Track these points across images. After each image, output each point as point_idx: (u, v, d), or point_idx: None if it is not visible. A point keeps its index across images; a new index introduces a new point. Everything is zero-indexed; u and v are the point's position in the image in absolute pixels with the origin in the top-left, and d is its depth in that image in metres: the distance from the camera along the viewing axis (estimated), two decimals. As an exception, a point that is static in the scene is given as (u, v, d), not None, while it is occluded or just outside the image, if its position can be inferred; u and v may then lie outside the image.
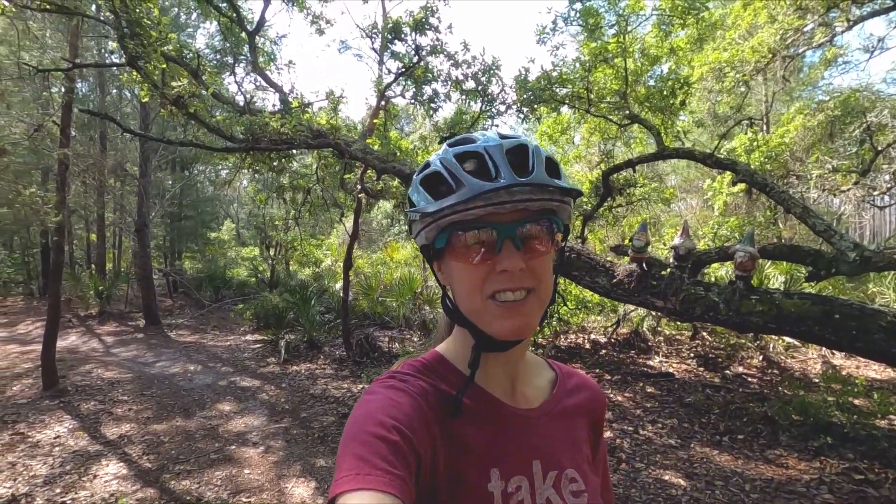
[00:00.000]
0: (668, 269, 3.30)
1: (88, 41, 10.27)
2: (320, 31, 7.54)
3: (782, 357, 6.66)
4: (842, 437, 4.05)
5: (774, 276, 7.16)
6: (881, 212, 15.42)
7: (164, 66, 5.17)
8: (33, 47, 7.74)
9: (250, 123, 4.75)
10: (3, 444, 4.45)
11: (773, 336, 6.53)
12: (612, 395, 5.51)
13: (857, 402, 4.86)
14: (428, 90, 7.00)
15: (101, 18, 5.46)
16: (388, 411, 0.58)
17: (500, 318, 0.62)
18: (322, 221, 18.34)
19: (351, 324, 8.28)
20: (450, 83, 6.92)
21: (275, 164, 6.75)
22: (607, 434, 4.47)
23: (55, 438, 4.62)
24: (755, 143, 8.29)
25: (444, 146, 0.67)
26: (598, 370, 6.46)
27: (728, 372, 6.30)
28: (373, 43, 6.81)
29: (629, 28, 6.04)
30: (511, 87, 6.70)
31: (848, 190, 6.17)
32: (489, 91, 6.90)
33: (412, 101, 7.27)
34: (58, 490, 3.65)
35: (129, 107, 15.22)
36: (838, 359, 6.51)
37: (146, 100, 5.31)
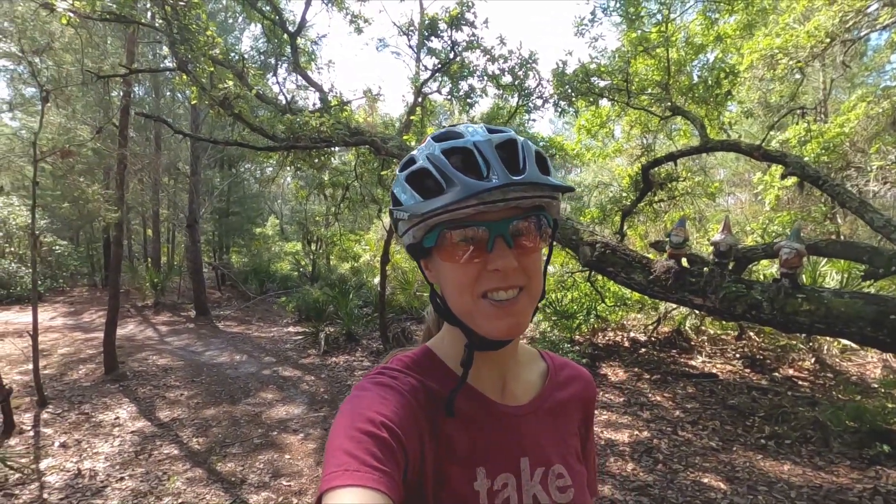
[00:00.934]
0: (709, 266, 3.19)
1: (144, 47, 10.88)
2: (359, 30, 7.68)
3: (837, 360, 6.29)
4: (901, 446, 3.80)
5: (830, 274, 6.76)
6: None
7: (212, 68, 5.43)
8: (95, 54, 8.28)
9: (291, 122, 4.92)
10: (70, 423, 4.83)
11: (828, 338, 6.17)
12: (650, 395, 5.39)
13: (921, 409, 4.54)
14: (464, 86, 7.02)
15: (155, 26, 5.78)
16: (378, 408, 0.58)
17: (493, 319, 0.61)
18: (361, 217, 18.71)
19: (388, 317, 8.44)
20: (486, 78, 6.91)
21: (315, 161, 6.96)
22: (644, 434, 4.38)
23: (115, 419, 4.96)
24: (810, 134, 7.82)
25: (429, 140, 0.65)
26: (636, 369, 6.31)
27: (777, 374, 6.01)
28: (409, 40, 6.89)
29: (672, 16, 5.84)
30: (548, 81, 6.62)
31: (913, 182, 5.74)
32: (526, 85, 6.85)
33: (448, 97, 7.31)
34: (117, 466, 3.93)
35: (181, 108, 16.02)
36: (901, 363, 6.08)
37: (195, 102, 5.59)
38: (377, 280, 9.63)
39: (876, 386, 5.38)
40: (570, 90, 6.25)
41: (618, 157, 9.96)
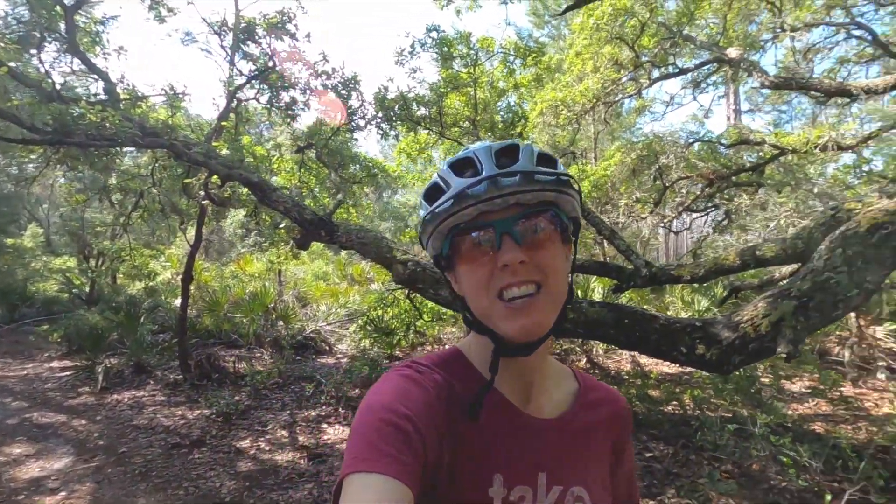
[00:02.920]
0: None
1: None
2: (160, 19, 6.78)
3: (602, 358, 7.73)
4: (638, 423, 4.83)
5: (597, 289, 8.32)
6: (677, 235, 18.83)
7: (-61, 32, 4.20)
8: None
9: (61, 113, 4.07)
10: None
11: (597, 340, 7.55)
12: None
13: (653, 392, 5.86)
14: (286, 96, 6.76)
15: None
16: (401, 399, 0.58)
17: (508, 319, 0.60)
18: (161, 229, 16.26)
19: (190, 343, 7.49)
20: (309, 92, 6.77)
21: (96, 161, 5.87)
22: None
23: None
24: (584, 174, 9.61)
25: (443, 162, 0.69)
26: (449, 379, 6.78)
27: (560, 374, 7.10)
28: (222, 40, 6.37)
29: (479, 61, 6.60)
30: (370, 103, 6.81)
31: (645, 217, 7.51)
32: (349, 104, 6.92)
33: (267, 105, 6.94)
34: None
35: None
36: (643, 358, 7.77)
37: None
38: (179, 301, 8.47)
39: (626, 377, 6.76)
40: (391, 114, 6.54)
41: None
